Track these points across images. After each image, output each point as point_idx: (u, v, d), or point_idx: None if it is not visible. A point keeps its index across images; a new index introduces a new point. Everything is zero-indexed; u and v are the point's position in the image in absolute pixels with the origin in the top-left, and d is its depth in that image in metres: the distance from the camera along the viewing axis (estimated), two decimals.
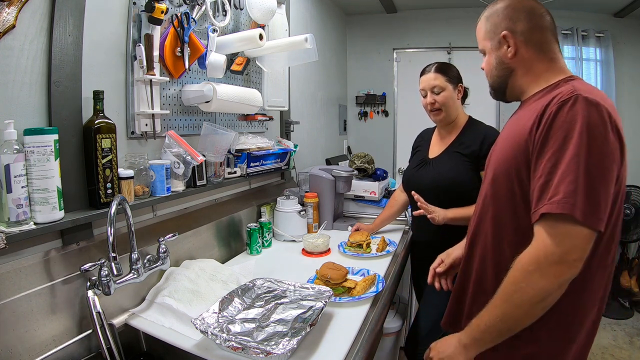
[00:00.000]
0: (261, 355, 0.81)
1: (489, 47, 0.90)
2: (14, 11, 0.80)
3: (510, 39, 0.85)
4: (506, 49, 0.86)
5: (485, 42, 0.91)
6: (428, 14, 3.36)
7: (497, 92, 0.94)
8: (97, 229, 1.01)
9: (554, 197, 0.69)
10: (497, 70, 0.90)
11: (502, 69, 0.89)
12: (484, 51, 0.93)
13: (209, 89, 1.29)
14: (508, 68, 0.88)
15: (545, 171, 0.71)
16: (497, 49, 0.88)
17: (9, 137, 0.79)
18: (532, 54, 0.86)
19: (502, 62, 0.88)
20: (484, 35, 0.91)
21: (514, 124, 0.87)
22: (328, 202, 1.86)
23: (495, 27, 0.88)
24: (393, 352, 1.72)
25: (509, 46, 0.86)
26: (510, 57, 0.86)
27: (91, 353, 0.92)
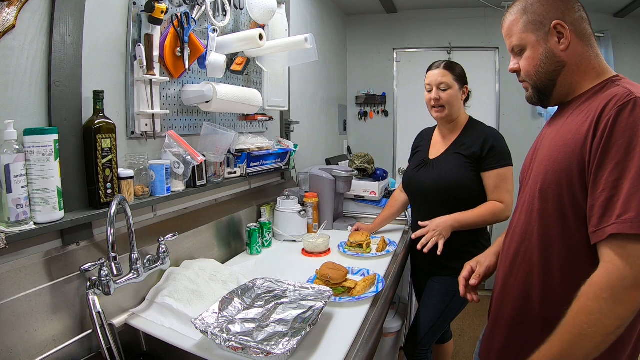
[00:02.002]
0: (261, 355, 0.81)
1: (534, 40, 0.79)
2: (14, 11, 0.80)
3: (564, 29, 0.76)
4: (557, 41, 0.77)
5: (528, 35, 0.80)
6: (428, 14, 3.36)
7: (544, 92, 0.83)
8: (97, 229, 1.01)
9: (624, 215, 0.62)
10: (546, 66, 0.79)
11: (553, 64, 0.79)
12: (524, 46, 0.81)
13: (209, 89, 1.29)
14: (560, 62, 0.78)
15: (609, 185, 0.65)
16: (547, 41, 0.78)
17: (9, 137, 0.79)
18: (583, 47, 0.78)
19: (554, 56, 0.78)
20: (523, 28, 0.80)
21: (562, 130, 0.78)
22: (328, 202, 1.86)
23: (541, 17, 0.78)
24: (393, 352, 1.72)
25: (561, 37, 0.77)
26: (562, 50, 0.77)
27: (91, 353, 0.92)
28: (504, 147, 1.42)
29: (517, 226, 0.87)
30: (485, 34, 3.24)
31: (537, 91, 0.83)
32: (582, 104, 0.77)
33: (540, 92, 0.83)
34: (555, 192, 0.75)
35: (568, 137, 0.75)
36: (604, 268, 0.64)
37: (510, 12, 0.84)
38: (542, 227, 0.78)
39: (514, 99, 3.25)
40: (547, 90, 0.82)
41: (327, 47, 3.00)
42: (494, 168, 1.39)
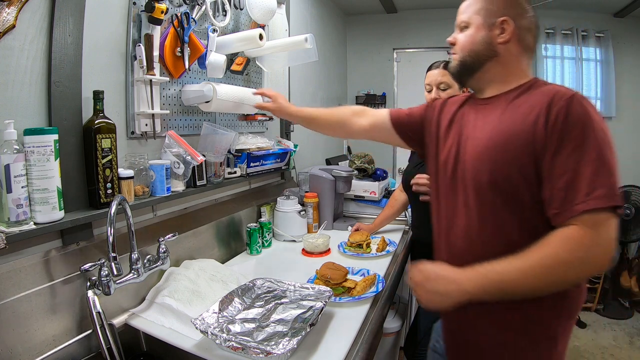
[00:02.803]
0: (261, 355, 0.81)
1: (480, 22, 0.86)
2: (14, 11, 0.80)
3: (509, 27, 0.84)
4: (498, 34, 0.85)
5: (477, 17, 0.87)
6: (428, 14, 3.36)
7: (467, 69, 0.89)
8: (97, 229, 1.01)
9: (593, 192, 0.68)
10: (481, 48, 0.86)
11: (487, 49, 0.86)
12: (469, 25, 0.88)
13: (209, 89, 1.29)
14: (494, 51, 0.86)
15: (570, 168, 0.71)
16: (490, 29, 0.85)
17: (9, 137, 0.79)
18: (518, 50, 0.86)
19: (491, 44, 0.85)
20: (476, 10, 0.87)
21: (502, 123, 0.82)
22: (328, 202, 1.86)
23: (495, 8, 0.85)
24: (393, 352, 1.72)
25: (503, 33, 0.84)
26: (500, 42, 0.85)
27: (91, 353, 0.92)
28: None
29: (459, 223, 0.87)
30: None
31: (462, 65, 0.90)
32: (517, 99, 0.83)
33: (464, 67, 0.90)
34: (508, 184, 0.78)
35: (513, 129, 0.79)
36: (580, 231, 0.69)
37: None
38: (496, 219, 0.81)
39: None
40: (471, 69, 0.89)
41: (327, 47, 3.00)
42: None
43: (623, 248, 3.04)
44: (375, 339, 0.99)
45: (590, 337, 2.64)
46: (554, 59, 3.16)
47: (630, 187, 3.03)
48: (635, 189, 3.01)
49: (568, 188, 0.71)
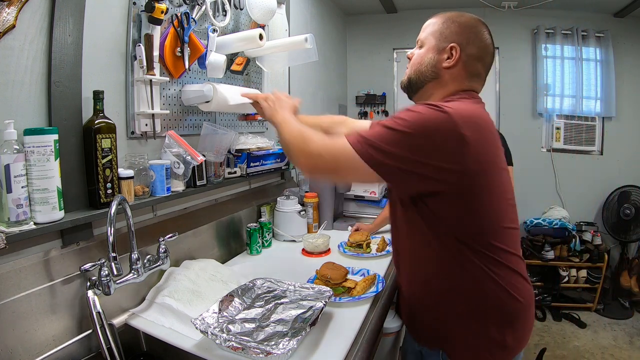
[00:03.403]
0: (261, 355, 0.81)
1: (432, 44, 0.92)
2: (14, 11, 0.80)
3: (456, 53, 0.89)
4: (445, 58, 0.90)
5: (430, 39, 0.93)
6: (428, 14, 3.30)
7: (411, 86, 0.97)
8: (97, 229, 1.01)
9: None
10: (425, 68, 0.93)
11: (430, 71, 0.92)
12: (423, 43, 0.95)
13: (209, 89, 1.29)
14: (436, 73, 0.91)
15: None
16: (439, 52, 0.91)
17: (9, 137, 0.79)
18: (463, 75, 0.90)
19: (435, 66, 0.91)
20: (433, 32, 0.93)
21: None
22: (328, 202, 1.86)
23: (448, 34, 0.91)
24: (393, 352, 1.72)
25: (450, 57, 0.89)
26: (445, 67, 0.90)
27: (91, 353, 0.92)
28: (504, 146, 1.42)
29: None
30: None
31: (408, 81, 0.98)
32: None
33: (409, 84, 0.98)
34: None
35: None
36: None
37: (438, 15, 0.96)
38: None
39: (514, 99, 3.25)
40: (414, 86, 0.96)
41: (327, 47, 3.00)
42: None
43: (623, 248, 3.04)
44: (375, 339, 0.99)
45: (590, 337, 2.64)
46: (554, 59, 3.16)
47: (630, 187, 3.04)
48: (635, 189, 3.01)
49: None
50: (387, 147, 0.77)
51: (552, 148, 3.22)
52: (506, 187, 0.87)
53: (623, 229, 3.01)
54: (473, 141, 0.76)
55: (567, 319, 2.87)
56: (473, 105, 0.85)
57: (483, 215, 0.82)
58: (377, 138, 0.79)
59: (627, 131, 3.15)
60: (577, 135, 3.21)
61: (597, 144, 3.21)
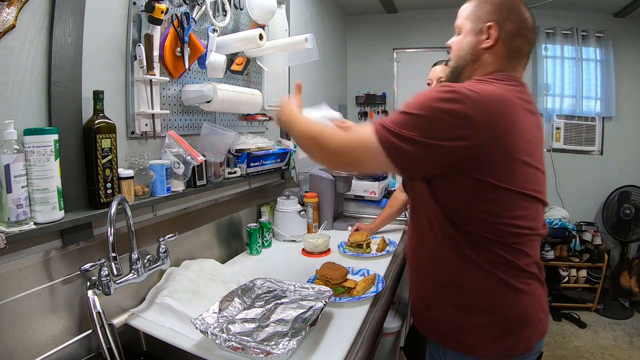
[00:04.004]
0: (261, 355, 0.81)
1: (468, 28, 0.89)
2: (14, 11, 0.80)
3: (494, 32, 0.85)
4: (484, 39, 0.86)
5: (466, 23, 0.90)
6: (428, 14, 3.35)
7: (455, 73, 0.94)
8: (97, 229, 1.01)
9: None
10: (464, 52, 0.90)
11: (469, 54, 0.89)
12: (460, 29, 0.92)
13: (209, 89, 1.29)
14: (475, 55, 0.88)
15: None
16: (476, 34, 0.88)
17: (9, 137, 0.79)
18: (504, 55, 0.87)
19: (473, 49, 0.88)
20: (467, 15, 0.90)
21: None
22: (328, 202, 1.86)
23: (483, 14, 0.87)
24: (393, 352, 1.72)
25: (489, 37, 0.86)
26: (484, 47, 0.87)
27: (91, 353, 0.92)
28: None
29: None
30: None
31: (451, 71, 0.95)
32: None
33: (453, 73, 0.94)
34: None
35: None
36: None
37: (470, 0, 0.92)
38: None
39: None
40: (456, 73, 0.93)
41: (327, 47, 3.00)
42: None
43: (623, 248, 3.04)
44: (375, 339, 0.99)
45: (590, 337, 2.64)
46: (554, 59, 3.16)
47: (630, 187, 3.03)
48: (635, 189, 3.01)
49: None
50: (400, 130, 0.76)
51: (552, 148, 3.22)
52: (520, 179, 0.80)
53: (623, 229, 3.01)
54: (478, 123, 0.74)
55: (567, 319, 2.87)
56: (499, 88, 0.80)
57: (486, 204, 0.79)
58: (392, 122, 0.78)
59: (627, 131, 3.15)
60: (577, 135, 3.21)
61: (597, 144, 3.21)
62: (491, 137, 0.75)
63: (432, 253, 0.89)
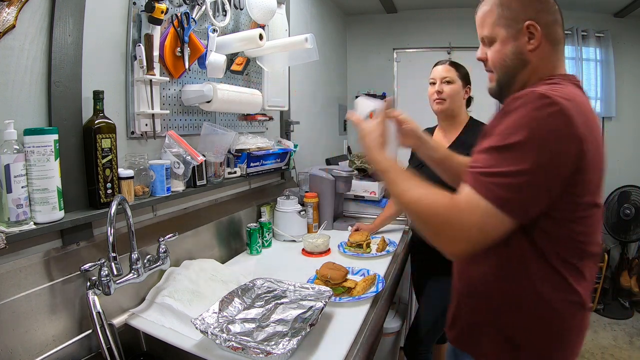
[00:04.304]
0: (261, 355, 0.81)
1: (504, 35, 0.80)
2: (14, 11, 0.80)
3: (536, 30, 0.77)
4: (526, 41, 0.78)
5: (499, 29, 0.80)
6: (428, 14, 3.36)
7: (505, 87, 0.83)
8: (97, 229, 1.01)
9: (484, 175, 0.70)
10: (511, 62, 0.80)
11: (518, 61, 0.80)
12: (494, 39, 0.82)
13: (209, 89, 1.29)
14: (525, 61, 0.79)
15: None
16: (516, 38, 0.79)
17: (9, 137, 0.79)
18: (550, 50, 0.79)
19: (521, 54, 0.79)
20: (495, 21, 0.80)
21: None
22: (328, 202, 1.86)
23: (515, 14, 0.78)
24: (393, 352, 1.72)
25: (532, 38, 0.78)
26: (530, 50, 0.78)
27: (91, 353, 0.92)
28: None
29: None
30: None
31: (498, 85, 0.85)
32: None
33: (500, 87, 0.84)
34: None
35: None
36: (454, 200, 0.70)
37: (487, 2, 0.83)
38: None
39: None
40: (507, 86, 0.83)
41: (327, 47, 3.00)
42: None
43: (623, 248, 3.04)
44: (375, 339, 0.99)
45: (590, 337, 2.64)
46: None
47: (630, 187, 3.03)
48: (635, 189, 3.01)
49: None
50: (504, 169, 0.65)
51: None
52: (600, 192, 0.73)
53: (623, 229, 3.01)
54: (582, 135, 0.66)
55: None
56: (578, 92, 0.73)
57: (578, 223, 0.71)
58: (487, 165, 0.67)
59: (627, 131, 3.15)
60: None
61: None
62: (589, 148, 0.68)
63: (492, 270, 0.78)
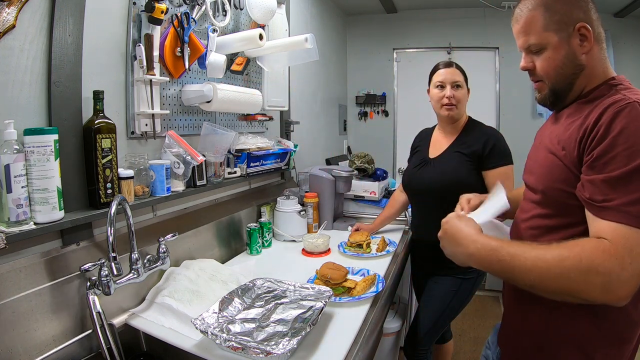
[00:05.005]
0: (261, 355, 0.81)
1: (556, 40, 0.75)
2: (14, 11, 0.80)
3: (588, 32, 0.73)
4: (579, 44, 0.75)
5: (549, 35, 0.76)
6: (428, 14, 3.36)
7: (560, 95, 0.80)
8: (97, 229, 1.01)
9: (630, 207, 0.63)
10: (567, 68, 0.76)
11: (574, 67, 0.76)
12: (544, 46, 0.77)
13: (209, 89, 1.29)
14: (580, 66, 0.76)
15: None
16: (569, 42, 0.75)
17: (9, 137, 0.79)
18: (598, 50, 0.77)
19: (576, 59, 0.75)
20: (545, 26, 0.76)
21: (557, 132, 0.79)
22: (328, 202, 1.86)
23: (565, 17, 0.74)
24: (393, 352, 1.72)
25: (584, 40, 0.74)
26: (584, 53, 0.75)
27: (91, 353, 0.92)
28: (504, 146, 1.43)
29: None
30: (485, 34, 3.24)
31: (553, 93, 0.80)
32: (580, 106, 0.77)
33: (556, 95, 0.80)
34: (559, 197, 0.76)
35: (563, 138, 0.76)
36: (612, 247, 0.62)
37: (527, 7, 0.78)
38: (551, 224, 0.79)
39: (514, 99, 3.25)
40: (564, 93, 0.80)
41: (327, 47, 3.00)
42: (496, 166, 1.40)
43: None
44: (375, 339, 0.99)
45: None
46: None
47: None
48: None
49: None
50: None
51: None
52: None
53: None
54: None
55: None
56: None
57: None
58: (629, 197, 0.62)
59: None
60: None
61: None
62: None
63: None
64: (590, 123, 0.69)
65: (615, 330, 0.74)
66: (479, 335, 2.54)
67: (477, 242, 0.75)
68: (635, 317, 0.74)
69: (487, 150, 1.40)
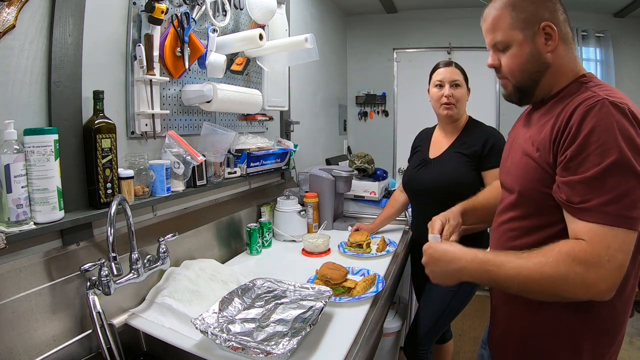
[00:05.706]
0: (261, 355, 0.81)
1: (521, 38, 0.78)
2: (14, 11, 0.80)
3: (552, 31, 0.76)
4: (544, 42, 0.77)
5: (515, 33, 0.78)
6: (428, 14, 3.36)
7: (525, 92, 0.82)
8: (97, 229, 1.01)
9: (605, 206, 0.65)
10: (531, 66, 0.79)
11: (538, 64, 0.78)
12: (509, 44, 0.79)
13: (209, 89, 1.29)
14: (545, 64, 0.78)
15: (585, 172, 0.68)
16: (534, 40, 0.77)
17: (9, 137, 0.79)
18: (565, 49, 0.79)
19: (540, 56, 0.78)
20: (511, 24, 0.78)
21: (531, 132, 0.81)
22: (328, 202, 1.86)
23: (530, 16, 0.77)
24: (393, 352, 1.72)
25: (549, 39, 0.76)
26: (549, 51, 0.77)
27: (91, 353, 0.92)
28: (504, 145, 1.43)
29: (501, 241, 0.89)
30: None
31: (518, 90, 0.83)
32: (552, 106, 0.79)
33: (521, 92, 0.83)
34: (535, 198, 0.78)
35: (537, 139, 0.77)
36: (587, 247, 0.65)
37: (495, 6, 0.81)
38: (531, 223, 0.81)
39: None
40: (529, 90, 0.82)
41: (327, 47, 3.00)
42: (496, 166, 1.39)
43: None
44: (375, 339, 0.99)
45: None
46: None
47: None
48: None
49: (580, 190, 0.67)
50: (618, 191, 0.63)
51: None
52: None
53: None
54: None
55: None
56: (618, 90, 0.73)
57: None
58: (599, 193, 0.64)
59: None
60: None
61: None
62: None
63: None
64: (562, 123, 0.71)
65: (601, 321, 0.77)
66: (479, 335, 2.54)
67: (466, 254, 0.79)
68: (619, 308, 0.76)
69: (487, 150, 1.40)
